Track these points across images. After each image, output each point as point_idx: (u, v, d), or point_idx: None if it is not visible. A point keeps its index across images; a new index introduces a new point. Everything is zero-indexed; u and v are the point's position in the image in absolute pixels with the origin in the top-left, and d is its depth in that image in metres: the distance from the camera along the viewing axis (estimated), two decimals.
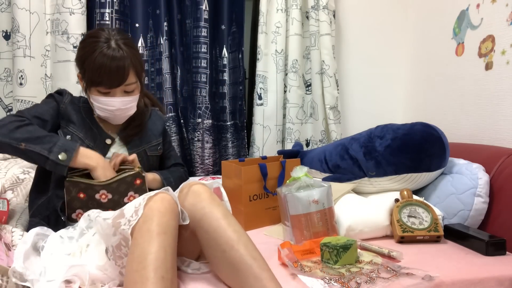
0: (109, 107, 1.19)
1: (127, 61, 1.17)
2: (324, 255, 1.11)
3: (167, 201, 0.93)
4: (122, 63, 1.16)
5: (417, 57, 2.24)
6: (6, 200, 1.16)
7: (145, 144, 1.34)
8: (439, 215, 1.40)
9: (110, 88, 1.17)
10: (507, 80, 1.61)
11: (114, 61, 1.14)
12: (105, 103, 1.19)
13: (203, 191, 1.00)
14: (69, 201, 1.14)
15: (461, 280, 1.05)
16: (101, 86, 1.17)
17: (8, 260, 1.02)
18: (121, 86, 1.19)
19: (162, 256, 0.86)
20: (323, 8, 2.09)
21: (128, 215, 0.93)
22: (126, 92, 1.21)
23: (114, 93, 1.19)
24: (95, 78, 1.15)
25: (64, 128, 1.23)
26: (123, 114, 1.24)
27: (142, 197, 0.96)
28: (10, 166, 1.38)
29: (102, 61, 1.14)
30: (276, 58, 2.10)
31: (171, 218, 0.91)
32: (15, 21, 1.78)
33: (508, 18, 1.60)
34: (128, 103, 1.22)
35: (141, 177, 1.20)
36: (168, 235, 0.89)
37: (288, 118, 2.16)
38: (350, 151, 1.62)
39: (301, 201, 1.27)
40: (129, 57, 1.18)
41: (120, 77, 1.16)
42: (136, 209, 0.93)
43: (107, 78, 1.15)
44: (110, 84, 1.16)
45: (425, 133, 1.51)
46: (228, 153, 2.12)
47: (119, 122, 1.28)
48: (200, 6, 1.98)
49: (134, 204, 0.95)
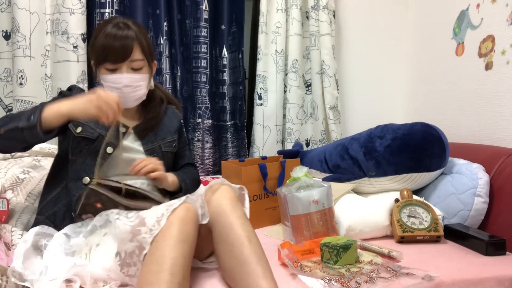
0: (116, 84, 1.19)
1: (132, 36, 1.18)
2: (324, 255, 1.11)
3: (191, 211, 0.97)
4: (126, 37, 1.17)
5: (417, 57, 2.24)
6: (6, 199, 1.16)
7: (160, 140, 1.32)
8: (439, 215, 1.40)
9: (115, 63, 1.17)
10: (507, 80, 1.61)
11: (119, 36, 1.16)
12: (112, 80, 1.18)
13: (229, 192, 1.07)
14: (84, 205, 1.12)
15: (461, 280, 1.05)
16: (107, 61, 1.17)
17: (8, 259, 1.02)
18: (127, 62, 1.18)
19: (181, 263, 0.89)
20: (323, 8, 2.09)
21: (150, 224, 0.95)
22: (133, 70, 1.20)
23: (121, 69, 1.18)
24: (101, 54, 1.17)
25: (74, 120, 1.21)
26: (132, 93, 1.22)
27: (165, 207, 0.97)
28: (10, 166, 1.38)
29: (107, 35, 1.16)
30: (276, 58, 2.10)
31: (192, 229, 0.96)
32: (15, 21, 1.78)
33: (508, 18, 1.60)
34: (136, 81, 1.21)
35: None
36: (188, 243, 0.93)
37: (288, 118, 2.16)
38: (350, 151, 1.62)
39: (301, 201, 1.27)
40: (134, 34, 1.19)
41: (125, 51, 1.16)
42: (158, 219, 0.95)
43: (112, 52, 1.15)
44: (115, 58, 1.16)
45: (425, 133, 1.51)
46: (228, 153, 2.12)
47: (131, 104, 1.25)
48: (200, 6, 1.99)
49: (156, 214, 0.96)
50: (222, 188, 1.08)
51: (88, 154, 1.19)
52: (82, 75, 1.84)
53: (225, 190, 1.07)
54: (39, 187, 1.34)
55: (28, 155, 1.51)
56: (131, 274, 0.95)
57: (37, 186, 1.34)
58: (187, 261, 0.92)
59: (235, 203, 1.05)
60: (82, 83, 1.83)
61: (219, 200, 1.05)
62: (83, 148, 1.20)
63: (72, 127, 1.22)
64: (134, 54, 1.18)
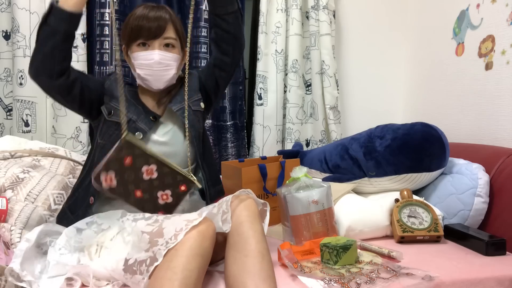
0: (148, 60, 1.18)
1: (167, 15, 1.19)
2: (324, 256, 1.11)
3: (211, 228, 0.98)
4: (160, 15, 1.18)
5: (417, 57, 2.24)
6: (5, 198, 1.16)
7: (188, 99, 1.27)
8: (439, 215, 1.40)
9: (148, 39, 1.17)
10: (507, 80, 1.61)
11: (153, 13, 1.17)
12: (144, 56, 1.18)
13: (252, 206, 1.08)
14: (110, 159, 1.05)
15: (461, 280, 1.05)
16: (140, 37, 1.17)
17: (7, 259, 1.03)
18: (160, 39, 1.17)
19: (195, 276, 0.91)
20: (323, 8, 2.09)
21: (167, 236, 0.95)
22: (165, 47, 1.20)
23: (153, 46, 1.18)
24: (135, 30, 1.17)
25: (107, 104, 1.21)
26: (163, 71, 1.20)
27: (185, 222, 0.97)
28: (10, 166, 1.38)
29: (142, 13, 1.17)
30: (276, 58, 2.10)
31: (210, 245, 0.97)
32: (15, 21, 1.78)
33: (508, 18, 1.60)
34: (167, 59, 1.19)
35: (188, 187, 1.14)
36: (204, 258, 0.95)
37: (288, 118, 2.16)
38: (350, 151, 1.62)
39: (300, 201, 1.27)
40: (169, 14, 1.20)
41: (159, 27, 1.16)
42: (176, 233, 0.95)
43: (146, 28, 1.16)
44: (148, 34, 1.16)
45: (425, 133, 1.50)
46: (228, 153, 2.12)
47: (160, 85, 1.22)
48: (200, 6, 1.98)
49: (175, 227, 0.97)
50: (247, 201, 1.09)
51: (117, 139, 1.14)
52: None
53: (249, 203, 1.08)
54: (39, 186, 1.34)
55: (28, 155, 1.51)
56: (134, 282, 0.95)
57: (37, 186, 1.34)
58: (201, 275, 0.94)
59: (256, 217, 1.06)
60: None
61: (241, 211, 1.06)
62: (113, 133, 1.19)
63: (104, 110, 1.21)
64: (167, 32, 1.18)
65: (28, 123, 1.85)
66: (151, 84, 1.22)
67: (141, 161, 1.07)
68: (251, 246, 1.00)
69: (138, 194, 1.08)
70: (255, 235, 1.01)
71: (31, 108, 1.84)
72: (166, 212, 1.12)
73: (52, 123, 1.88)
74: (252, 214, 1.06)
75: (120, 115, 1.13)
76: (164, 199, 1.11)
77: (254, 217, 1.05)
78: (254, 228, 1.03)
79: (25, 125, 1.84)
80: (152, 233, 0.98)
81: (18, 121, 1.82)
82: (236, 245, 1.01)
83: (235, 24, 1.23)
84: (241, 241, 1.01)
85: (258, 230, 1.03)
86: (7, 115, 1.87)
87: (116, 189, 1.06)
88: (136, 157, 1.06)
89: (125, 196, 1.07)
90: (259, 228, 1.04)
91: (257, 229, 1.03)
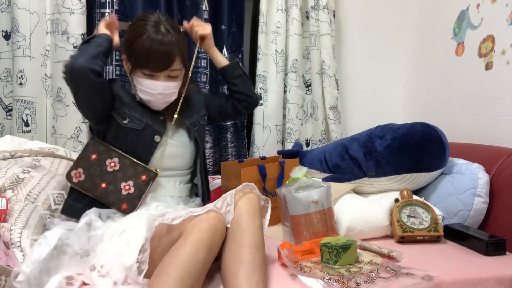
0: (152, 90, 1.22)
1: (175, 47, 1.19)
2: (324, 255, 1.11)
3: (223, 224, 1.03)
4: (170, 49, 1.18)
5: (417, 57, 2.24)
6: (5, 198, 1.16)
7: (196, 114, 1.38)
8: (439, 215, 1.40)
9: (155, 72, 1.20)
10: (507, 80, 1.61)
11: (162, 45, 1.17)
12: (148, 86, 1.21)
13: (254, 200, 1.11)
14: (79, 158, 1.22)
15: (461, 280, 1.05)
16: (147, 69, 1.19)
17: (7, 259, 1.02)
18: (166, 71, 1.21)
19: (201, 267, 0.95)
20: (323, 8, 2.09)
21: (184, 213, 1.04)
22: (170, 77, 1.23)
23: (158, 76, 1.21)
24: (142, 60, 1.18)
25: (119, 109, 1.26)
26: (164, 99, 1.25)
27: (197, 216, 1.02)
28: (10, 166, 1.38)
29: (150, 45, 1.16)
30: (276, 58, 2.10)
31: (219, 239, 1.01)
32: (15, 21, 1.78)
33: (508, 18, 1.60)
34: (170, 89, 1.24)
35: (149, 177, 1.23)
36: (212, 251, 0.98)
37: (288, 118, 2.16)
38: (350, 151, 1.62)
39: (300, 201, 1.27)
40: (177, 44, 1.20)
41: (167, 62, 1.19)
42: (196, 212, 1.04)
43: (154, 61, 1.17)
44: (155, 67, 1.19)
45: (425, 133, 1.50)
46: (228, 153, 2.12)
47: (159, 107, 1.29)
48: (200, 6, 1.99)
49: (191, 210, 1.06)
50: (250, 195, 1.11)
51: (138, 145, 1.25)
52: None
53: (252, 197, 1.11)
54: (39, 186, 1.34)
55: (28, 155, 1.51)
56: (144, 260, 0.98)
57: (37, 186, 1.34)
58: (206, 266, 0.97)
59: (256, 212, 1.08)
60: None
61: (243, 204, 1.08)
62: (133, 139, 1.25)
63: (118, 116, 1.26)
64: (174, 65, 1.21)
65: (28, 123, 1.85)
66: (151, 105, 1.29)
67: (105, 156, 1.22)
68: (247, 237, 1.02)
69: (103, 186, 1.20)
70: (252, 228, 1.04)
71: (31, 108, 1.84)
72: (130, 203, 1.19)
73: (52, 123, 1.88)
74: (253, 208, 1.08)
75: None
76: (127, 190, 1.20)
77: (255, 211, 1.07)
78: (253, 221, 1.05)
79: (25, 125, 1.84)
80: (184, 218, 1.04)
81: (18, 121, 1.83)
82: (233, 236, 1.04)
83: (244, 85, 1.43)
84: (238, 232, 1.03)
85: (257, 224, 1.06)
86: (7, 115, 1.87)
87: (84, 183, 1.21)
88: (101, 153, 1.22)
89: (92, 189, 1.21)
90: (257, 222, 1.06)
91: (255, 223, 1.05)
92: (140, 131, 1.25)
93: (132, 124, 1.25)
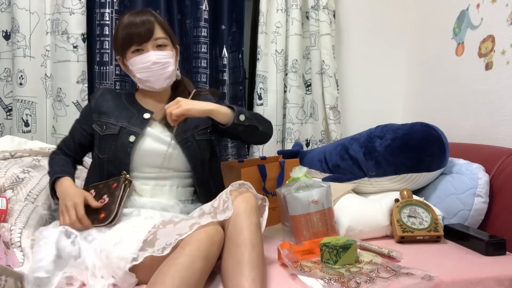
0: (145, 63, 1.23)
1: (152, 17, 1.24)
2: (324, 255, 1.11)
3: (221, 235, 1.02)
4: (146, 18, 1.22)
5: (417, 57, 2.24)
6: (5, 198, 1.16)
7: (193, 129, 1.30)
8: (439, 215, 1.40)
9: (140, 44, 1.22)
10: (507, 80, 1.61)
11: (139, 17, 1.22)
12: (140, 60, 1.23)
13: (251, 199, 1.10)
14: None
15: (461, 280, 1.05)
16: (133, 44, 1.22)
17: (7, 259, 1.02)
18: (151, 41, 1.23)
19: (198, 277, 0.94)
20: (323, 8, 2.09)
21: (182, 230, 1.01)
22: (158, 47, 1.24)
23: (146, 48, 1.23)
24: (127, 39, 1.22)
25: (97, 120, 1.28)
26: (162, 70, 1.24)
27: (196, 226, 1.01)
28: (10, 166, 1.38)
29: (129, 23, 1.22)
30: (276, 58, 2.10)
31: (217, 250, 1.00)
32: (15, 21, 1.78)
33: (508, 18, 1.60)
34: (163, 58, 1.24)
35: (119, 182, 1.19)
36: (209, 262, 0.97)
37: (288, 118, 2.16)
38: (350, 151, 1.62)
39: (300, 201, 1.27)
40: (153, 16, 1.25)
41: (148, 30, 1.21)
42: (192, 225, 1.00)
43: (136, 33, 1.21)
44: (139, 39, 1.21)
45: (425, 133, 1.50)
46: (228, 153, 2.12)
47: (162, 83, 1.27)
48: (200, 6, 1.98)
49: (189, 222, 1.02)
50: (246, 194, 1.10)
51: (116, 149, 1.23)
52: (82, 75, 1.83)
53: (248, 196, 1.10)
54: (39, 186, 1.34)
55: (28, 155, 1.51)
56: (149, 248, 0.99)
57: (37, 186, 1.34)
58: (203, 277, 0.96)
59: (253, 210, 1.08)
60: (82, 83, 1.83)
61: (239, 203, 1.07)
62: (111, 144, 1.24)
63: (97, 127, 1.27)
64: (156, 33, 1.24)
65: (28, 123, 1.85)
66: (153, 84, 1.26)
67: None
68: (243, 236, 1.02)
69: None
70: (249, 227, 1.03)
71: (31, 108, 1.84)
72: (106, 211, 1.15)
73: (52, 123, 1.88)
74: (250, 207, 1.07)
75: None
76: (103, 202, 1.17)
77: (251, 210, 1.07)
78: (249, 220, 1.05)
79: (25, 125, 1.84)
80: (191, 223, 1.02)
81: (18, 121, 1.83)
82: (230, 235, 1.03)
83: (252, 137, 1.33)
84: (235, 231, 1.03)
85: (254, 222, 1.05)
86: (7, 115, 1.87)
87: None
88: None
89: None
90: (254, 221, 1.06)
91: (252, 221, 1.05)
92: (117, 135, 1.24)
93: (108, 130, 1.25)
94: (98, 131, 1.27)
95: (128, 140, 1.22)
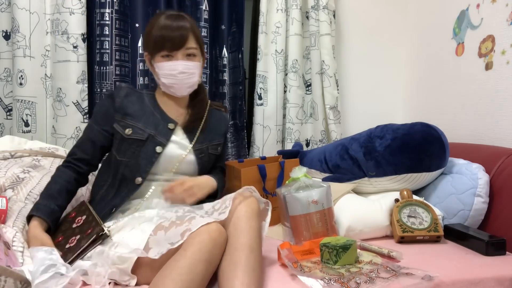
0: (172, 71, 1.24)
1: (187, 26, 1.24)
2: (324, 256, 1.11)
3: (224, 237, 1.02)
4: (183, 25, 1.23)
5: (417, 57, 2.24)
6: (5, 198, 1.16)
7: (208, 142, 1.35)
8: (439, 215, 1.40)
9: (172, 50, 1.23)
10: (507, 80, 1.61)
11: (176, 22, 1.23)
12: (168, 67, 1.24)
13: (254, 204, 1.10)
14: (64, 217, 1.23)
15: (461, 280, 1.05)
16: (164, 49, 1.23)
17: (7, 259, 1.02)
18: (183, 50, 1.24)
19: (200, 280, 0.93)
20: (323, 8, 2.09)
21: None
22: (188, 56, 1.26)
23: (176, 56, 1.24)
24: (159, 42, 1.23)
25: (121, 121, 1.26)
26: (186, 79, 1.26)
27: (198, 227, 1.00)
28: (10, 166, 1.38)
29: (165, 26, 1.23)
30: (276, 58, 2.10)
31: (219, 253, 1.00)
32: (15, 21, 1.78)
33: (508, 18, 1.60)
34: (190, 68, 1.26)
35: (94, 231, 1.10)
36: (211, 264, 0.97)
37: (288, 118, 2.16)
38: (350, 151, 1.62)
39: (300, 201, 1.27)
40: (190, 23, 1.26)
41: (182, 38, 1.23)
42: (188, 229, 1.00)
43: (170, 40, 1.22)
44: (172, 46, 1.22)
45: (425, 133, 1.50)
46: (228, 153, 2.12)
47: (184, 91, 1.30)
48: (200, 6, 1.98)
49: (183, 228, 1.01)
50: (249, 199, 1.11)
51: (139, 155, 1.23)
52: (82, 75, 1.84)
53: (251, 200, 1.10)
54: (39, 186, 1.34)
55: (28, 155, 1.51)
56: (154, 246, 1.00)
57: (37, 186, 1.34)
58: (205, 280, 0.96)
59: (254, 214, 1.08)
60: (82, 83, 1.83)
61: (241, 207, 1.07)
62: (135, 149, 1.24)
63: (120, 128, 1.26)
64: (189, 42, 1.24)
65: (28, 123, 1.85)
66: (176, 91, 1.30)
67: (79, 214, 1.20)
68: (242, 240, 1.01)
69: (59, 239, 1.14)
70: (249, 231, 1.03)
71: (31, 108, 1.84)
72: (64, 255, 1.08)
73: (52, 123, 1.88)
74: (251, 211, 1.07)
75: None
76: (70, 243, 1.11)
77: (252, 214, 1.07)
78: (249, 224, 1.05)
79: (25, 125, 1.84)
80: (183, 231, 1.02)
81: (18, 121, 1.83)
82: (230, 238, 1.03)
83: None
84: (235, 235, 1.03)
85: (254, 226, 1.05)
86: (7, 115, 1.87)
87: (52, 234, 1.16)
88: (78, 212, 1.21)
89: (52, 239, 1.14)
90: (254, 225, 1.06)
91: (252, 225, 1.05)
92: (143, 141, 1.24)
93: (135, 134, 1.24)
94: (120, 132, 1.25)
95: (155, 150, 1.24)
